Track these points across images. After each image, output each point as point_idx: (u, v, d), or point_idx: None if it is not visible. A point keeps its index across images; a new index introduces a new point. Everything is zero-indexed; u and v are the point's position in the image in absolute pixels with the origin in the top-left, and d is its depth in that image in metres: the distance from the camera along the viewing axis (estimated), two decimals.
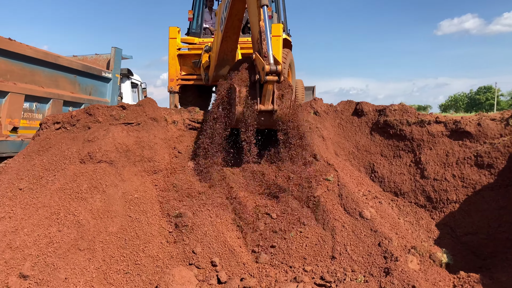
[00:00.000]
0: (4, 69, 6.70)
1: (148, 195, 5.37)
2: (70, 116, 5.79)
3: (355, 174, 5.99)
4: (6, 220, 4.48)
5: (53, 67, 8.08)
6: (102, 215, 4.82)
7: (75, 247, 4.43)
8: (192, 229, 4.99)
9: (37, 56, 7.50)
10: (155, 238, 4.90)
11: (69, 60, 8.72)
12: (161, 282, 4.28)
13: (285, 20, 10.13)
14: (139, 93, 13.01)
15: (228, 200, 5.41)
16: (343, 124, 6.49)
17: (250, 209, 5.35)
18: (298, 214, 5.26)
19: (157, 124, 5.97)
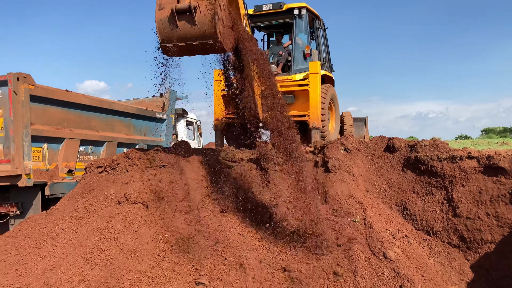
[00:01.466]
0: (61, 117, 7.47)
1: (179, 233, 5.66)
2: (111, 160, 6.32)
3: (385, 212, 5.87)
4: (47, 259, 4.98)
5: (108, 113, 8.83)
6: (132, 254, 5.16)
7: (104, 285, 4.78)
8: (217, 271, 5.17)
9: (92, 104, 8.27)
10: (181, 277, 5.14)
11: (123, 105, 9.48)
12: None
13: (328, 56, 10.27)
14: (194, 130, 13.69)
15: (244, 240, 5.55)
16: (375, 160, 6.43)
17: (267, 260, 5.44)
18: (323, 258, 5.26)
19: (190, 165, 6.32)
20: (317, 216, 5.46)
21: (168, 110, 11.00)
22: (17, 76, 6.55)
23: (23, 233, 5.47)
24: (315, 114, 8.54)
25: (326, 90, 9.04)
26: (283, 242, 5.57)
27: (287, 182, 6.69)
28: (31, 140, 6.72)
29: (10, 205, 6.82)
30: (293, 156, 6.10)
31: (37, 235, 5.37)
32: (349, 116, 11.36)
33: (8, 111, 6.51)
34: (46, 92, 7.09)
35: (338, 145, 6.56)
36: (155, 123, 10.64)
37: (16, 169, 6.49)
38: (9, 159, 6.56)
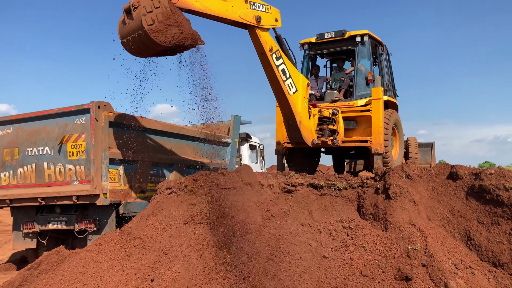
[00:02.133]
0: (136, 141, 8.09)
1: (239, 256, 5.90)
2: (180, 182, 6.74)
3: (448, 241, 5.74)
4: (120, 273, 5.42)
5: (178, 137, 9.41)
6: (196, 272, 5.47)
7: None
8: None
9: (164, 129, 8.88)
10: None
11: (192, 130, 10.04)
12: None
13: (391, 82, 10.25)
14: (257, 154, 14.07)
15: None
16: (438, 188, 6.32)
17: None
18: (382, 283, 5.26)
19: (251, 188, 6.58)
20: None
21: (232, 134, 11.46)
22: (98, 105, 7.24)
23: (100, 248, 5.97)
24: (377, 140, 8.54)
25: (389, 116, 9.02)
26: (343, 266, 5.62)
27: (348, 207, 6.78)
28: (109, 163, 7.35)
29: (88, 222, 7.46)
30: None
31: (112, 251, 5.84)
32: (415, 141, 11.16)
33: (90, 136, 7.20)
34: (122, 119, 7.76)
35: (399, 171, 6.53)
36: (221, 146, 11.11)
37: (95, 188, 7.12)
38: (89, 179, 7.21)
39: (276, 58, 7.38)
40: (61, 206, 7.75)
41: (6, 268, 8.84)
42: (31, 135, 7.93)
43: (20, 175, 8.00)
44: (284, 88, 7.57)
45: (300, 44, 10.18)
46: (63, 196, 7.36)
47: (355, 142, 8.91)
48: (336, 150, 10.39)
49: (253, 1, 7.07)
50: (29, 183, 7.88)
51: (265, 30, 7.25)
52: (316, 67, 10.45)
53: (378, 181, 6.68)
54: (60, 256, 6.10)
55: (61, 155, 7.56)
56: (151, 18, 5.48)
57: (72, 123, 7.49)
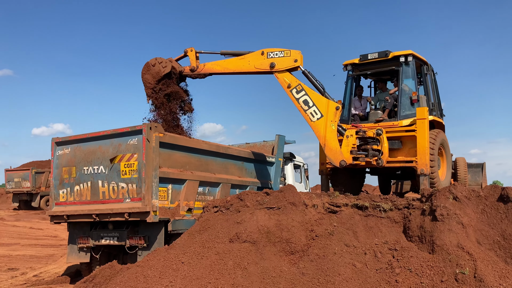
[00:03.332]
0: (184, 161, 8.43)
1: (284, 274, 5.99)
2: (226, 201, 6.96)
3: (499, 266, 5.57)
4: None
5: (224, 157, 9.68)
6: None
7: None
8: None
9: (210, 149, 9.17)
10: None
11: (237, 150, 10.30)
12: None
13: (437, 101, 10.10)
14: (301, 173, 14.14)
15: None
16: (487, 210, 6.17)
17: None
18: None
19: (295, 208, 6.68)
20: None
21: (277, 153, 11.63)
22: (150, 126, 7.64)
23: (149, 263, 6.25)
24: (423, 160, 8.42)
25: (436, 136, 8.89)
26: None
27: (393, 229, 6.72)
28: (159, 181, 7.69)
29: (139, 238, 7.79)
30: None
31: (161, 266, 6.10)
32: (463, 162, 10.88)
33: (142, 156, 7.58)
34: (172, 139, 8.12)
35: (446, 193, 6.43)
36: (265, 166, 11.30)
37: (146, 206, 7.45)
38: (141, 197, 7.56)
39: (297, 92, 8.65)
40: (113, 223, 8.14)
41: (62, 280, 9.32)
42: (88, 154, 8.43)
43: (77, 192, 8.49)
44: (306, 116, 8.68)
45: (344, 65, 10.27)
46: (116, 213, 7.74)
47: (400, 163, 8.82)
48: (381, 171, 10.30)
49: (270, 51, 8.68)
50: (85, 200, 8.35)
51: (282, 72, 8.68)
52: (360, 87, 10.47)
53: (424, 202, 6.60)
54: (113, 271, 6.43)
55: (115, 173, 7.98)
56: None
57: (125, 143, 7.91)
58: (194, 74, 9.41)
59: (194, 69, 9.31)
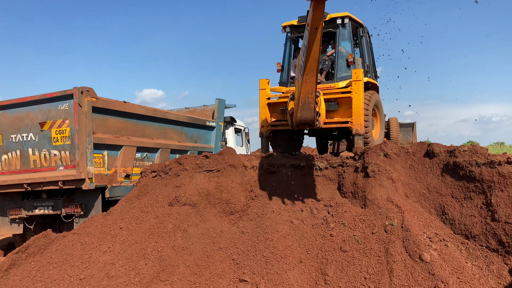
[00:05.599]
0: (120, 126, 8.18)
1: (224, 234, 6.09)
2: (164, 166, 6.87)
3: (424, 216, 5.99)
4: (107, 254, 5.56)
5: (162, 121, 9.49)
6: (182, 251, 5.65)
7: (157, 278, 5.29)
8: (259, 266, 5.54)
9: (147, 114, 8.95)
10: (226, 274, 5.54)
11: (176, 114, 10.13)
12: None
13: (372, 63, 10.39)
14: (242, 137, 14.20)
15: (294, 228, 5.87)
16: (415, 165, 6.54)
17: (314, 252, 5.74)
18: (360, 258, 5.49)
19: (235, 170, 6.74)
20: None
21: (217, 118, 11.57)
22: (81, 90, 7.29)
23: (86, 230, 6.11)
24: (358, 121, 8.71)
25: (370, 97, 9.18)
26: (323, 242, 5.84)
27: (328, 186, 6.98)
28: (93, 148, 7.43)
29: (75, 206, 7.57)
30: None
31: (99, 233, 5.98)
32: (396, 121, 11.38)
33: (74, 122, 7.26)
34: (106, 104, 7.82)
35: (377, 151, 6.73)
36: (205, 130, 11.23)
37: (80, 173, 7.21)
38: (75, 164, 7.30)
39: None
40: (47, 192, 7.83)
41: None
42: (15, 121, 7.96)
43: (5, 162, 8.04)
44: (319, 64, 7.85)
45: (282, 26, 10.24)
46: (49, 182, 7.44)
47: (337, 124, 9.07)
48: (318, 132, 10.56)
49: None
50: (14, 170, 7.94)
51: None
52: (299, 49, 10.54)
53: (357, 160, 6.88)
54: (48, 239, 6.22)
55: (46, 141, 7.62)
56: None
57: (56, 109, 7.53)
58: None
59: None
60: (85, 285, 5.17)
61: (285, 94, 9.69)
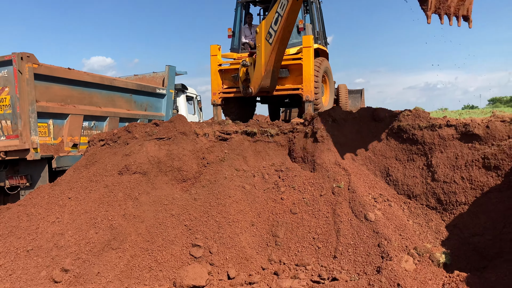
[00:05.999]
0: (65, 94, 7.86)
1: (176, 201, 6.10)
2: (112, 134, 6.71)
3: (369, 178, 6.25)
4: (55, 224, 5.45)
5: (109, 89, 9.20)
6: (133, 219, 5.62)
7: (108, 247, 5.26)
8: (211, 231, 5.62)
9: (94, 81, 8.63)
10: (178, 239, 5.59)
11: (124, 81, 9.83)
12: (177, 277, 4.97)
13: (322, 30, 10.46)
14: (194, 105, 14.05)
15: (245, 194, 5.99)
16: (361, 130, 6.76)
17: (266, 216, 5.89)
18: (309, 219, 5.69)
19: (186, 138, 6.70)
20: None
21: (167, 85, 11.35)
22: (21, 56, 6.90)
23: (33, 201, 5.93)
24: (308, 87, 8.83)
25: (320, 64, 9.30)
26: (274, 205, 5.99)
27: (279, 152, 7.10)
28: (37, 117, 7.13)
29: (20, 178, 7.29)
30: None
31: (46, 203, 5.83)
32: (345, 88, 11.63)
33: (14, 89, 6.89)
34: (49, 71, 7.46)
35: (326, 116, 6.89)
36: (156, 98, 11.01)
37: (24, 143, 6.92)
38: (17, 134, 6.98)
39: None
40: None
41: None
42: None
43: None
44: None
45: None
46: None
47: (287, 90, 9.15)
48: (270, 99, 10.63)
49: None
50: None
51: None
52: (250, 15, 10.41)
53: (307, 126, 7.01)
54: None
55: None
56: None
57: None
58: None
59: None
60: (33, 256, 5.07)
61: (236, 60, 9.63)
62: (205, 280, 4.94)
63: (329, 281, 4.75)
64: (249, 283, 4.97)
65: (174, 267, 5.25)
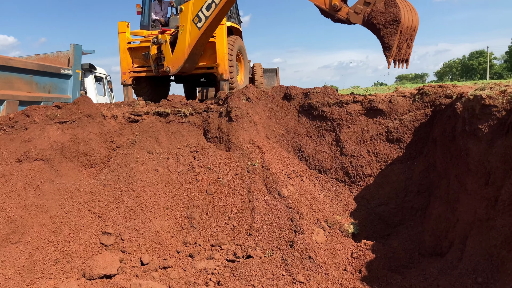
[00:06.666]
0: None
1: (84, 188, 5.75)
2: (9, 119, 6.13)
3: (282, 155, 6.35)
4: None
5: (6, 70, 8.36)
6: (35, 210, 5.21)
7: (7, 241, 4.83)
8: (122, 217, 5.38)
9: None
10: (87, 228, 5.30)
11: (23, 61, 8.99)
12: (87, 267, 4.71)
13: (235, 7, 10.35)
14: (104, 86, 13.32)
15: (159, 178, 5.80)
16: (274, 108, 6.82)
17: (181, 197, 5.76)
18: (224, 198, 5.66)
19: (92, 120, 6.31)
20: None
21: (73, 65, 10.61)
22: None
23: None
24: (222, 66, 8.72)
25: (233, 42, 9.21)
26: (189, 187, 5.88)
27: (194, 132, 6.96)
28: None
29: None
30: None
31: None
32: (260, 67, 11.68)
33: None
34: None
35: (240, 95, 6.84)
36: (60, 79, 10.24)
37: None
38: None
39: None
40: None
41: None
42: None
43: None
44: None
45: None
46: None
47: (202, 69, 8.98)
48: (185, 79, 10.38)
49: None
50: None
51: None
52: None
53: (221, 105, 6.93)
54: None
55: None
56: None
57: None
58: None
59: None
60: None
61: (146, 38, 9.24)
62: (116, 268, 4.74)
63: (244, 259, 4.77)
64: (163, 267, 4.86)
65: (83, 257, 4.98)
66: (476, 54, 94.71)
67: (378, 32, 5.97)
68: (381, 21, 5.85)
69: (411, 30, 6.28)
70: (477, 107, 3.96)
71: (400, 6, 5.81)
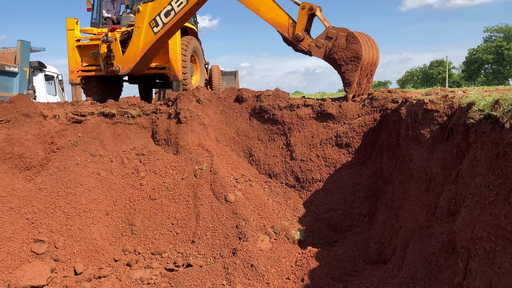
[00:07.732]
0: None
1: (17, 192, 5.37)
2: None
3: (232, 159, 6.17)
4: None
5: None
6: None
7: None
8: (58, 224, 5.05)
9: None
10: (18, 236, 4.93)
11: None
12: (13, 278, 4.36)
13: None
14: (55, 85, 12.74)
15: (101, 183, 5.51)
16: (226, 111, 6.64)
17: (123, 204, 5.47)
18: (169, 204, 5.41)
19: (30, 120, 5.93)
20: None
21: (20, 62, 10.10)
22: None
23: None
24: (175, 66, 8.47)
25: (188, 42, 8.96)
26: (132, 192, 5.61)
27: (142, 134, 6.69)
28: None
29: None
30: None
31: None
32: (217, 69, 11.46)
33: None
34: None
35: (190, 96, 6.63)
36: (5, 77, 9.73)
37: None
38: None
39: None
40: None
41: None
42: None
43: None
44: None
45: None
46: None
47: (154, 69, 8.69)
48: (139, 79, 10.05)
49: None
50: None
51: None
52: None
53: (170, 106, 6.69)
54: None
55: None
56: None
57: None
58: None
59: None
60: None
61: (97, 36, 8.85)
62: (46, 279, 4.41)
63: (183, 268, 4.55)
64: (98, 277, 4.57)
65: (10, 266, 4.61)
66: (436, 63, 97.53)
67: (339, 68, 5.94)
68: (342, 57, 5.85)
69: (372, 65, 6.39)
70: (419, 112, 3.91)
71: (361, 42, 5.81)
